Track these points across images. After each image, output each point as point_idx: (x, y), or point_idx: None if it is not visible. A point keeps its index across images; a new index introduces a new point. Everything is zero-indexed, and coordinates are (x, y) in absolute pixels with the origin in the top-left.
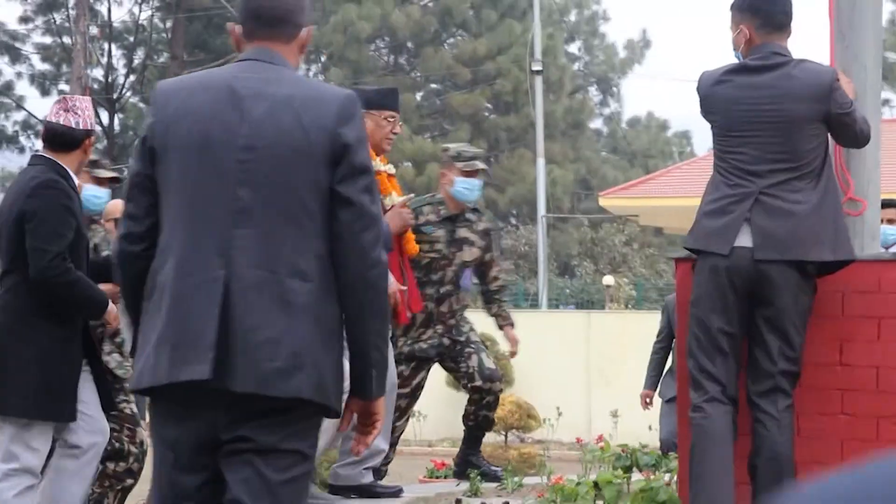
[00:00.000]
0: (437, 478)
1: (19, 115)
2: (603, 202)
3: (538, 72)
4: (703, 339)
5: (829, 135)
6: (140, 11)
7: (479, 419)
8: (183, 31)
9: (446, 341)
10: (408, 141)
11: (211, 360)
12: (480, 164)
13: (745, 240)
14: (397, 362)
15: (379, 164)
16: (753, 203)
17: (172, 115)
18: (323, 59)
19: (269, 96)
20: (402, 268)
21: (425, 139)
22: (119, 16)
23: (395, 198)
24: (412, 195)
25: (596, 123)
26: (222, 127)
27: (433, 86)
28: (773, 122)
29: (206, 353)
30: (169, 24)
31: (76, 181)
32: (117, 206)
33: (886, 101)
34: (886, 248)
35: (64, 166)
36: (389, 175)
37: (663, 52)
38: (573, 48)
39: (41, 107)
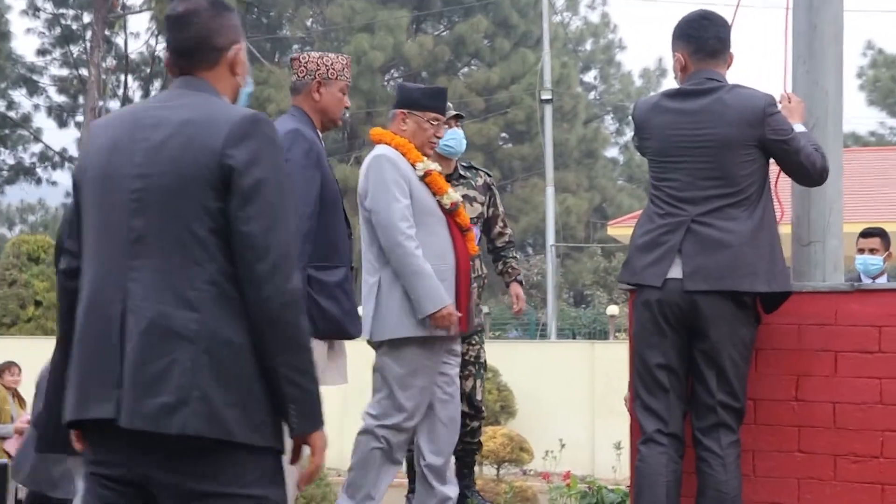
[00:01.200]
0: None
1: (37, 147)
2: (612, 231)
3: (548, 101)
4: (643, 376)
5: (768, 162)
6: (156, 43)
7: (464, 447)
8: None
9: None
10: None
11: (115, 399)
12: (453, 111)
13: (676, 271)
14: None
15: (428, 163)
16: (685, 232)
17: (89, 150)
18: None
19: (166, 123)
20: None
21: None
22: (135, 48)
23: (452, 195)
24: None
25: (611, 152)
26: (120, 158)
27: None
28: (706, 147)
29: (110, 391)
30: None
31: None
32: None
33: (893, 129)
34: (872, 278)
35: None
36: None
37: None
38: (589, 77)
39: (58, 139)
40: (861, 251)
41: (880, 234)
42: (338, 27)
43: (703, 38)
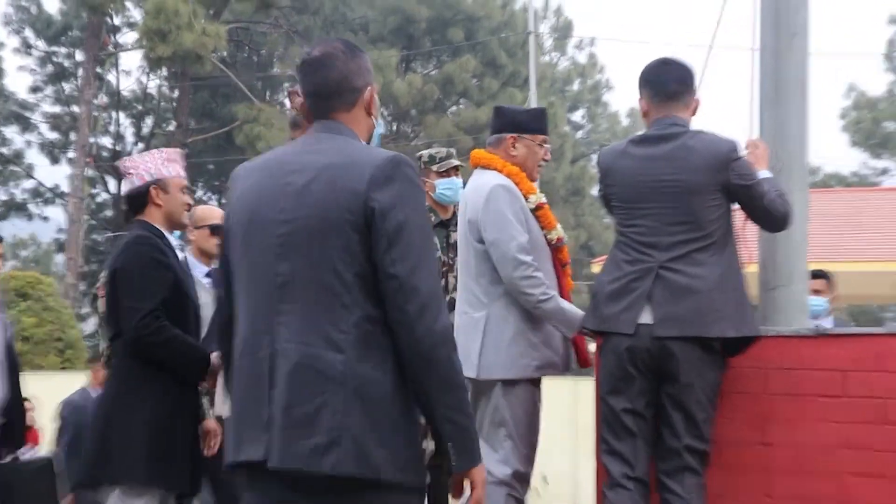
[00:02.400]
0: None
1: (29, 183)
2: (597, 269)
3: None
4: (610, 420)
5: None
6: (148, 80)
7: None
8: (188, 99)
9: None
10: None
11: (265, 442)
12: (455, 161)
13: (647, 317)
14: None
15: (540, 196)
16: (654, 279)
17: (235, 197)
18: None
19: (309, 167)
20: None
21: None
22: (127, 85)
23: (559, 230)
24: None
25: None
26: (266, 203)
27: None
28: (672, 192)
29: (260, 434)
30: (176, 93)
31: (171, 237)
32: (206, 211)
33: (885, 171)
34: (814, 318)
35: (153, 224)
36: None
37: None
38: (576, 116)
39: (50, 175)
40: None
41: (824, 275)
42: None
43: (662, 83)
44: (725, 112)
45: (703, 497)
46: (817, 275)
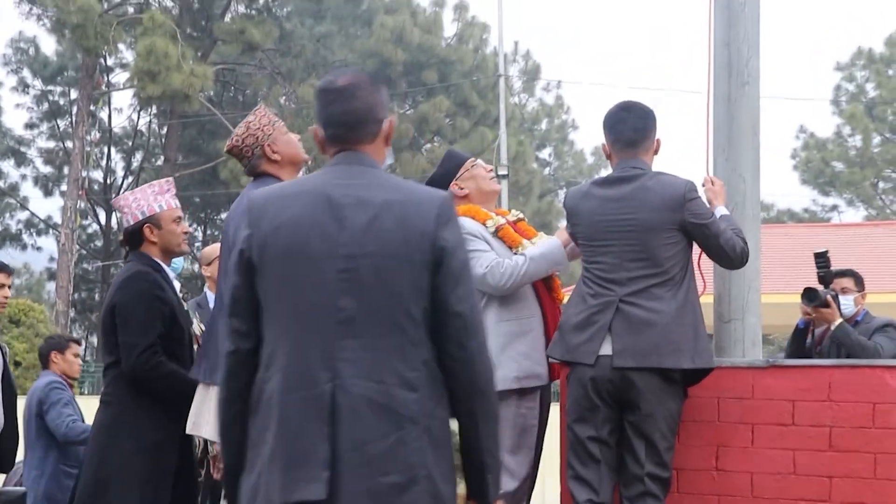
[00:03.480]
0: None
1: (23, 215)
2: (566, 299)
3: (504, 176)
4: (576, 447)
5: (690, 244)
6: (138, 118)
7: None
8: (177, 136)
9: None
10: None
11: (326, 479)
12: None
13: (607, 349)
14: None
15: (497, 219)
16: (615, 312)
17: (269, 227)
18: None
19: (367, 203)
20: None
21: None
22: (119, 122)
23: (526, 244)
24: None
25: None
26: (321, 237)
27: None
28: (631, 230)
29: (319, 472)
30: (164, 130)
31: (168, 271)
32: (215, 249)
33: (835, 207)
34: (847, 318)
35: (151, 257)
36: (518, 220)
37: None
38: (544, 154)
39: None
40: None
41: (851, 273)
42: (309, 105)
43: (620, 131)
44: (685, 152)
45: None
46: (844, 273)
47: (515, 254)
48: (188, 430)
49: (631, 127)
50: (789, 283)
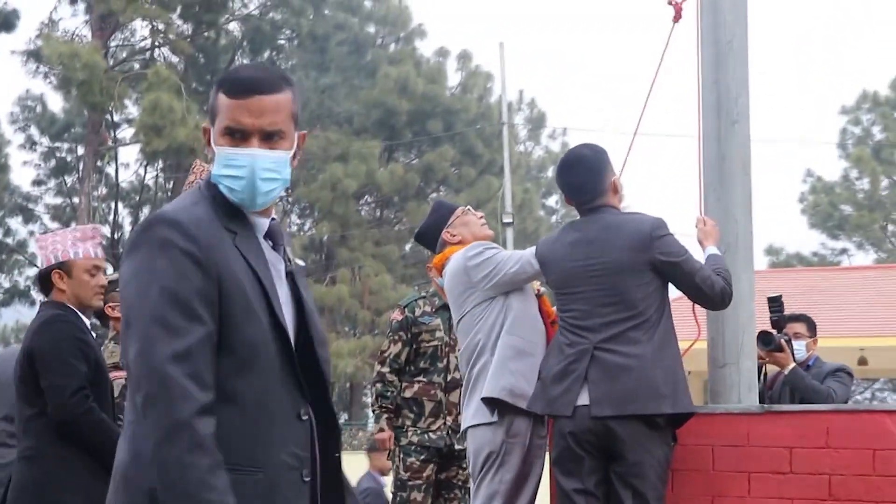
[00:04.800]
0: None
1: (31, 271)
2: None
3: (509, 224)
4: (562, 501)
5: (666, 284)
6: (145, 172)
7: None
8: (182, 190)
9: (449, 441)
10: (392, 290)
11: None
12: None
13: (584, 398)
14: (407, 453)
15: None
16: (590, 360)
17: None
18: (315, 213)
19: None
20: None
21: (411, 287)
22: (126, 177)
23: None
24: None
25: None
26: None
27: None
28: (599, 274)
29: None
30: (171, 184)
31: (83, 317)
32: None
33: (844, 251)
34: (799, 363)
35: (67, 305)
36: None
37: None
38: (550, 201)
39: None
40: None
41: (806, 319)
42: (315, 156)
43: (567, 191)
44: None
45: None
46: (798, 318)
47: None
48: None
49: (575, 186)
50: None
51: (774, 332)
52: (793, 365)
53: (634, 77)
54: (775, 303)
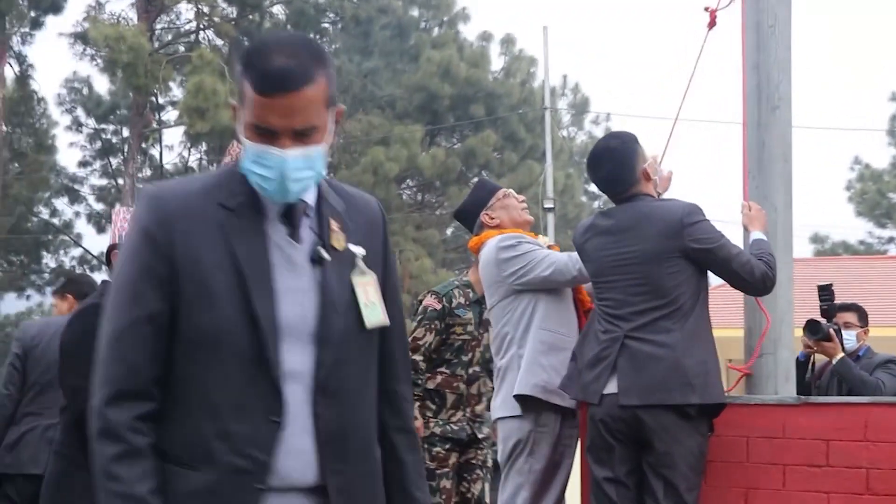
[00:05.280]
0: None
1: (77, 252)
2: None
3: (550, 209)
4: (594, 489)
5: (704, 271)
6: (189, 155)
7: None
8: None
9: (469, 430)
10: (432, 274)
11: None
12: None
13: (612, 387)
14: (431, 444)
15: (548, 239)
16: (620, 348)
17: None
18: None
19: None
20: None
21: (451, 272)
22: (170, 159)
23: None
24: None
25: None
26: None
27: (458, 222)
28: (631, 263)
29: None
30: (214, 165)
31: None
32: None
33: (891, 239)
34: (849, 354)
35: None
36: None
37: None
38: (593, 187)
39: (97, 243)
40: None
41: (857, 308)
42: (357, 140)
43: (598, 184)
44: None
45: None
46: (848, 307)
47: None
48: None
49: (605, 180)
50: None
51: (824, 320)
52: (841, 355)
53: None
54: (825, 291)
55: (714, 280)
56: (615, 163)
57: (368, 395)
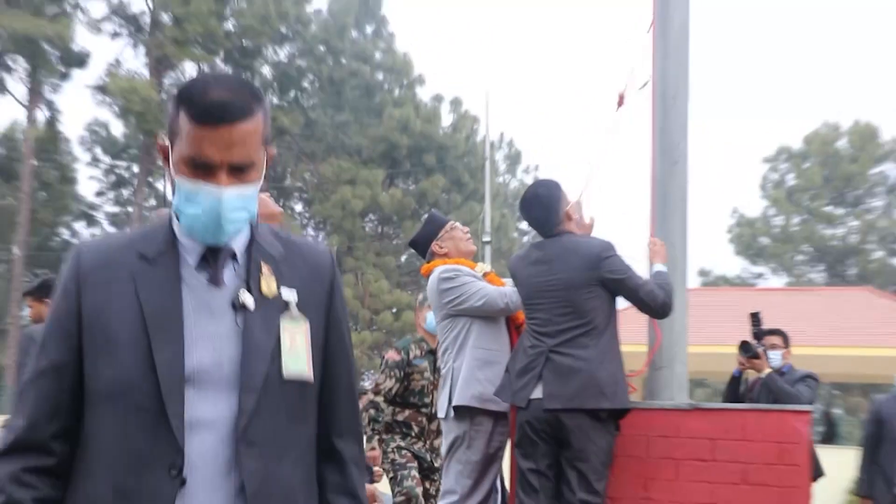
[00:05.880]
0: None
1: None
2: None
3: (487, 242)
4: (519, 478)
5: (614, 297)
6: None
7: None
8: None
9: (429, 459)
10: (388, 294)
11: None
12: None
13: (538, 393)
14: (399, 449)
15: (484, 266)
16: (545, 361)
17: None
18: (328, 228)
19: None
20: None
21: (405, 292)
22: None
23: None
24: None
25: None
26: None
27: (412, 251)
28: (556, 289)
29: None
30: None
31: None
32: None
33: (761, 275)
34: (776, 370)
35: None
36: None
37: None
38: (523, 225)
39: None
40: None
41: (781, 333)
42: (328, 180)
43: (529, 223)
44: (632, 223)
45: None
46: (774, 332)
47: None
48: None
49: (534, 220)
50: (722, 337)
51: (754, 342)
52: (769, 370)
53: (598, 125)
54: (755, 318)
55: (622, 303)
56: (543, 207)
57: (297, 448)
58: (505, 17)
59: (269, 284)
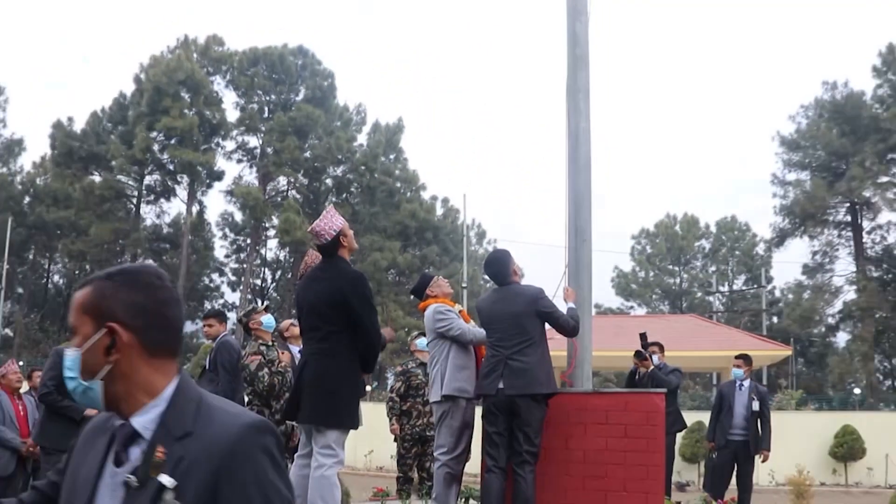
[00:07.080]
0: (379, 498)
1: (220, 301)
2: None
3: (465, 287)
4: (487, 436)
5: (544, 322)
6: (280, 252)
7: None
8: (298, 270)
9: (425, 432)
10: (403, 319)
11: None
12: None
13: (500, 385)
14: (404, 440)
15: (458, 307)
16: (504, 364)
17: None
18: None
19: None
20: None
21: (412, 318)
22: (271, 256)
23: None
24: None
25: None
26: None
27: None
28: (509, 317)
29: None
30: (293, 259)
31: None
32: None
33: (631, 307)
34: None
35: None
36: (460, 310)
37: (533, 280)
38: (487, 278)
39: (231, 297)
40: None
41: (658, 344)
42: (365, 248)
43: (489, 273)
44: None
45: (534, 476)
46: (655, 343)
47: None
48: None
49: (492, 274)
50: (611, 345)
51: (643, 350)
52: (652, 367)
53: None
54: (643, 335)
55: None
56: (499, 265)
57: None
58: (480, 138)
59: (157, 467)
